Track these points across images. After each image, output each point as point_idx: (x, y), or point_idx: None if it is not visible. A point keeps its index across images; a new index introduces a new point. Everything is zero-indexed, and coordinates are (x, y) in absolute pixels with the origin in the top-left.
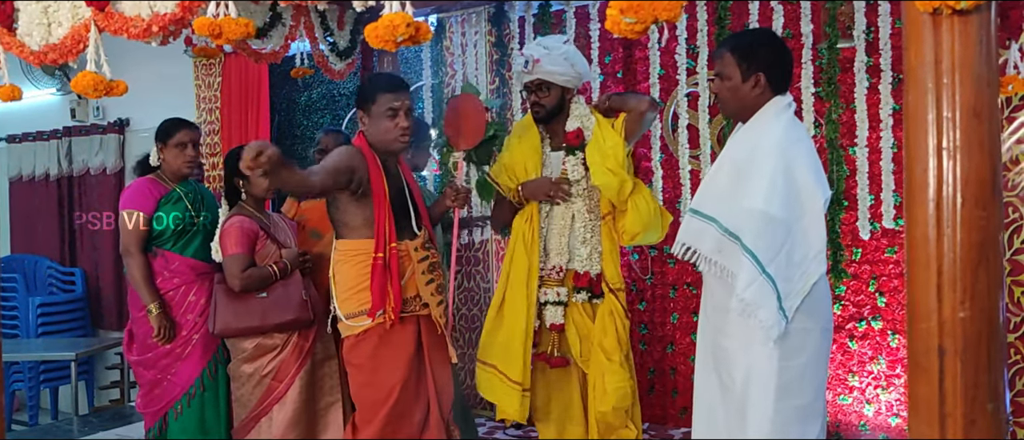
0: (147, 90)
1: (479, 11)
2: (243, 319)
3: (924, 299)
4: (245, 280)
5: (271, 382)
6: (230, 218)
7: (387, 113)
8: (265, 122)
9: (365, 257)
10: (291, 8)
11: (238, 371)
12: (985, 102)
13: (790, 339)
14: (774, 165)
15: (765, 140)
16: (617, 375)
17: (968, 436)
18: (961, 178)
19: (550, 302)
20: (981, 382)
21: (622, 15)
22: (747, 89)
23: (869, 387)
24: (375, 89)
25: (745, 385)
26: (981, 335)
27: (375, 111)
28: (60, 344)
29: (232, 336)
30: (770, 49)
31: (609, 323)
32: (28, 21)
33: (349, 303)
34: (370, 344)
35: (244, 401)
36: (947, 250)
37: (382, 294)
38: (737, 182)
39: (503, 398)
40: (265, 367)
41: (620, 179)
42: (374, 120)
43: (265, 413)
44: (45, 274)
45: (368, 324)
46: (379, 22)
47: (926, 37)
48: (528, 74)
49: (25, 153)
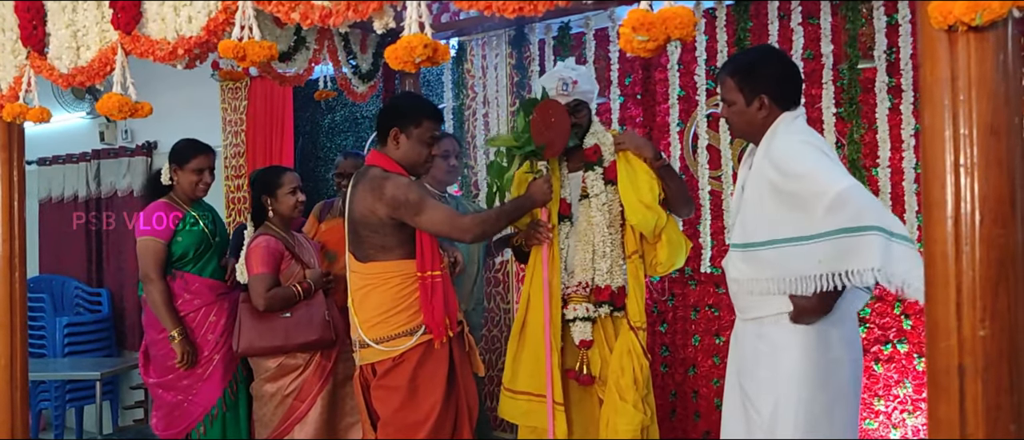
0: (175, 113)
1: (499, 34)
2: (267, 338)
3: (944, 318)
4: (269, 300)
5: (293, 402)
6: (256, 237)
7: (429, 140)
8: (289, 144)
9: (402, 279)
10: (315, 32)
11: (260, 390)
12: (1003, 119)
13: (819, 372)
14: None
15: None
16: (628, 416)
17: None
18: (979, 195)
19: (579, 318)
20: (1003, 403)
21: (635, 33)
22: (753, 112)
23: (895, 411)
24: (421, 113)
25: (772, 419)
26: (1002, 354)
27: (416, 134)
28: (86, 364)
29: (256, 355)
30: (771, 68)
31: (627, 362)
32: (58, 45)
33: (382, 327)
34: (409, 366)
35: (266, 421)
36: (966, 268)
37: (441, 311)
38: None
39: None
40: (287, 387)
41: (656, 215)
42: (412, 142)
43: (287, 433)
44: (72, 294)
45: (408, 345)
46: (398, 44)
47: (941, 54)
48: (567, 96)
49: (55, 175)
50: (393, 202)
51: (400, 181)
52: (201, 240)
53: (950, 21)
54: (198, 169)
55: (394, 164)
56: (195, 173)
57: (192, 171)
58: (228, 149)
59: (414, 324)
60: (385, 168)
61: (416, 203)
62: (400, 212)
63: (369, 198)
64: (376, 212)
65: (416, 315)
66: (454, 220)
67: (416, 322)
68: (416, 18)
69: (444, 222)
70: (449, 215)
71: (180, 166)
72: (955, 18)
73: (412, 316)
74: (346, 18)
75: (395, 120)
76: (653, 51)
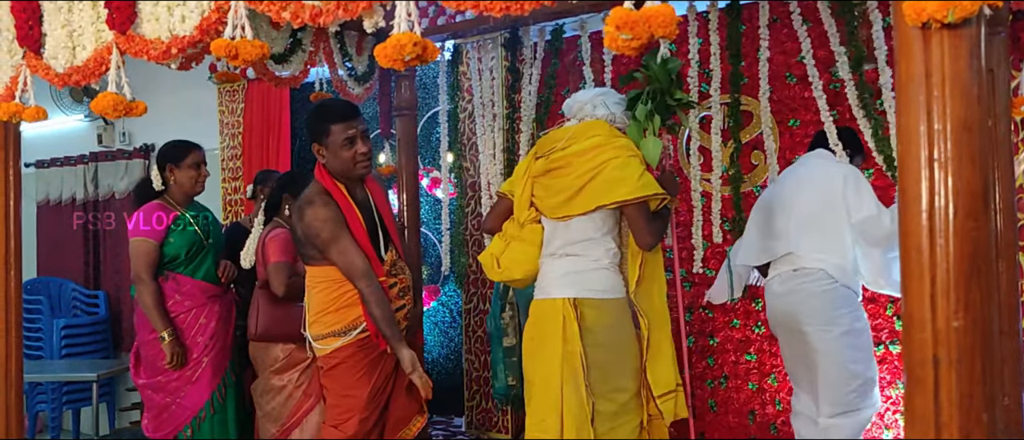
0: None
1: (494, 37)
2: (282, 325)
3: (918, 310)
4: (289, 288)
5: (301, 396)
6: (272, 230)
7: (344, 143)
8: (286, 147)
9: (330, 283)
10: (311, 34)
11: (268, 384)
12: (976, 115)
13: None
14: None
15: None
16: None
17: None
18: (953, 189)
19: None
20: (976, 393)
21: (619, 32)
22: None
23: (888, 412)
24: (327, 121)
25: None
26: (975, 345)
27: (331, 142)
28: (82, 365)
29: (271, 340)
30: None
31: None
32: (54, 45)
33: (317, 325)
34: (337, 364)
35: (275, 415)
36: (940, 261)
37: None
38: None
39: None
40: (296, 380)
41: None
42: (332, 151)
43: (297, 426)
44: (70, 296)
45: (335, 346)
46: (387, 42)
47: (916, 51)
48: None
49: (53, 178)
50: (306, 232)
51: (318, 214)
52: (193, 242)
53: (924, 18)
54: (195, 164)
55: (329, 177)
56: (193, 168)
57: (189, 167)
58: (225, 151)
59: (341, 326)
60: (322, 183)
61: (326, 241)
62: (312, 242)
63: (295, 216)
64: (297, 230)
65: (343, 318)
66: (356, 269)
67: (344, 324)
68: (405, 16)
69: (349, 267)
70: (356, 263)
71: (176, 165)
72: (929, 15)
73: (340, 318)
74: (336, 17)
75: (311, 136)
76: (638, 50)
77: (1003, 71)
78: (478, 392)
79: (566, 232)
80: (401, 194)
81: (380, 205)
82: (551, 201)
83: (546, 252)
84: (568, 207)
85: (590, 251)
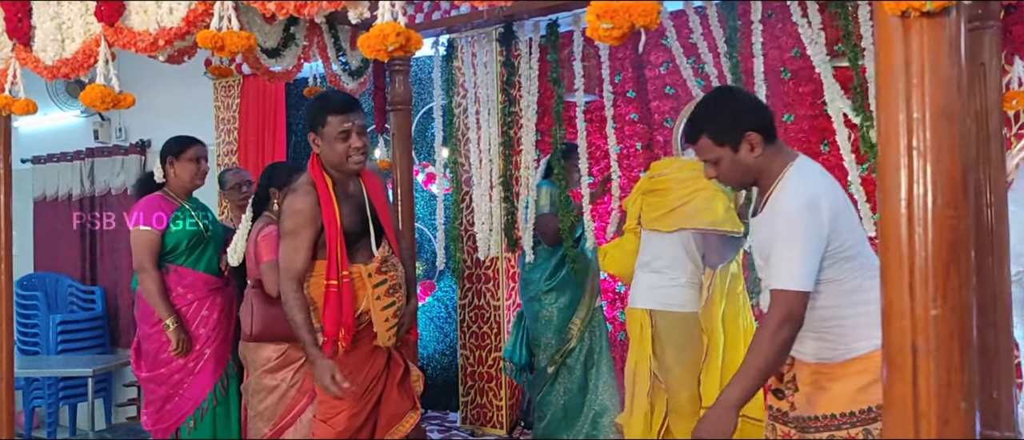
0: (168, 112)
1: (489, 32)
2: (278, 325)
3: (897, 298)
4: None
5: (295, 395)
6: (264, 227)
7: (339, 135)
8: (281, 142)
9: (317, 279)
10: (304, 28)
11: (260, 384)
12: (955, 104)
13: None
14: None
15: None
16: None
17: (941, 436)
18: (932, 178)
19: None
20: (954, 381)
21: (599, 21)
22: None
23: None
24: (325, 111)
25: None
26: (953, 334)
27: (327, 134)
28: (78, 361)
29: (267, 340)
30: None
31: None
32: (43, 37)
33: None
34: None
35: (267, 415)
36: (919, 249)
37: (334, 322)
38: None
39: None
40: (290, 379)
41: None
42: (327, 142)
43: (289, 425)
44: (66, 292)
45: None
46: (370, 32)
47: (896, 40)
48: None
49: (49, 174)
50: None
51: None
52: (194, 233)
53: (903, 7)
54: (195, 158)
55: (319, 169)
56: (193, 162)
57: (189, 160)
58: (221, 147)
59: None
60: (311, 173)
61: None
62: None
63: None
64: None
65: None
66: (288, 269)
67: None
68: (389, 7)
69: (285, 263)
70: (293, 264)
71: (177, 158)
72: (908, 4)
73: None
74: (320, 8)
75: (309, 125)
76: (619, 39)
77: (995, 65)
78: (473, 387)
79: (655, 246)
80: (396, 189)
81: (376, 200)
82: (649, 215)
83: (639, 261)
84: (659, 223)
85: (670, 268)
